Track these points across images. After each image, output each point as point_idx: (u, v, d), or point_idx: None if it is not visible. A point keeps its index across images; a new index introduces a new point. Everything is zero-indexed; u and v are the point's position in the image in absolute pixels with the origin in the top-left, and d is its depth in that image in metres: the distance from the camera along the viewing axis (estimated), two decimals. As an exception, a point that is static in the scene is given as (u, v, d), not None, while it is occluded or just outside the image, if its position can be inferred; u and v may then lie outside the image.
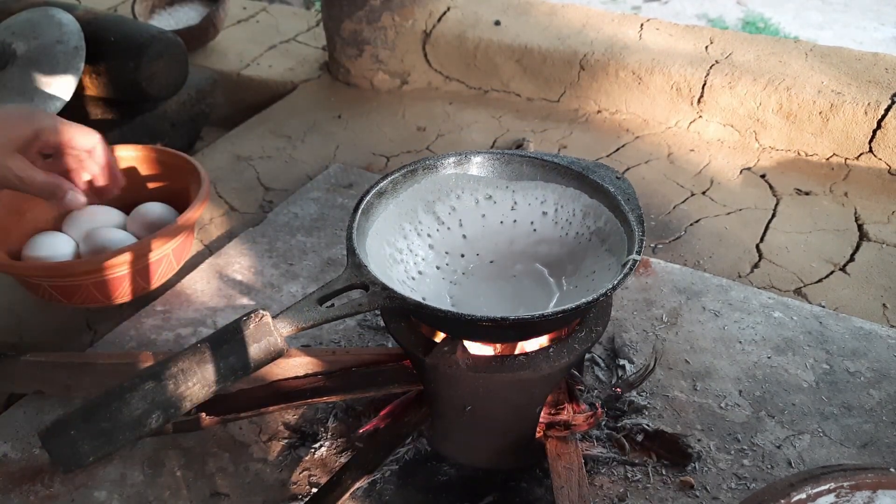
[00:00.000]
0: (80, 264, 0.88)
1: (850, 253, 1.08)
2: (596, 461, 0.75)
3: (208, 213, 1.20)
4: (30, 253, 0.92)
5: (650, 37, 1.48)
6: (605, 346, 0.89)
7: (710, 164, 1.30)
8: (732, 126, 1.35)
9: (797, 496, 0.48)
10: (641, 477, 0.73)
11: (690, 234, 1.13)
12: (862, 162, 1.26)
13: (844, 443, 0.76)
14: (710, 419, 0.79)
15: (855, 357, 0.86)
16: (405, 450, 0.76)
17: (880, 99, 1.22)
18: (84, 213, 0.98)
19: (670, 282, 0.99)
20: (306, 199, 1.20)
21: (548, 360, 0.63)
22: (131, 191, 1.05)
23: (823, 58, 1.36)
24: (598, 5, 3.27)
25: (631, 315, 0.94)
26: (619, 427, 0.78)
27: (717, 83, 1.33)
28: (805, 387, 0.83)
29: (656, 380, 0.84)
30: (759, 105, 1.30)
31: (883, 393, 0.82)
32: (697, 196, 1.22)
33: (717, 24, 3.36)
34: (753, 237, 1.12)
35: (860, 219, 1.15)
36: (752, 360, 0.86)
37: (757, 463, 0.75)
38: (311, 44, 1.80)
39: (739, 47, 1.41)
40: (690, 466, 0.74)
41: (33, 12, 1.27)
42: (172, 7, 1.85)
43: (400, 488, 0.73)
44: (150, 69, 1.30)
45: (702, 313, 0.94)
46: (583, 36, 1.48)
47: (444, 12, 1.58)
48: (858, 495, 0.49)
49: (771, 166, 1.29)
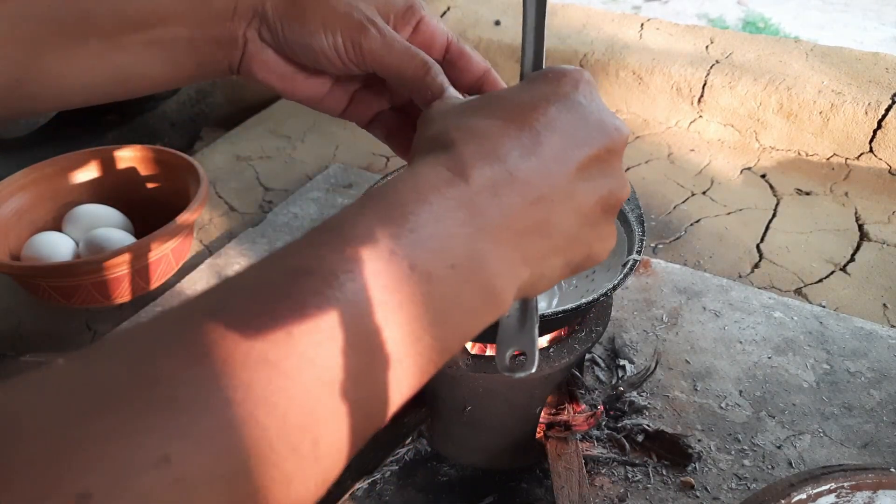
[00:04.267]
0: (79, 264, 0.88)
1: (851, 253, 1.08)
2: (596, 461, 0.75)
3: (208, 213, 1.20)
4: (29, 253, 0.92)
5: (650, 36, 1.48)
6: (605, 346, 0.89)
7: (710, 164, 1.30)
8: (733, 126, 1.35)
9: (797, 496, 0.48)
10: (642, 477, 0.73)
11: (691, 234, 1.13)
12: (862, 162, 1.26)
13: (845, 443, 0.76)
14: (711, 419, 0.79)
15: (855, 357, 0.86)
16: (405, 450, 0.76)
17: (881, 99, 1.22)
18: (84, 213, 0.98)
19: (670, 282, 0.99)
20: (306, 199, 1.20)
21: (548, 360, 0.63)
22: (130, 191, 1.06)
23: (824, 58, 1.36)
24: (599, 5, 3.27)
25: (631, 315, 0.94)
26: (620, 427, 0.78)
27: (717, 83, 1.33)
28: (805, 387, 0.83)
29: (657, 380, 0.84)
30: (759, 105, 1.30)
31: (883, 393, 0.81)
32: (698, 196, 1.22)
33: (717, 23, 3.36)
34: (754, 237, 1.12)
35: (861, 219, 1.15)
36: (753, 361, 0.86)
37: (757, 463, 0.74)
38: (311, 44, 1.80)
39: (740, 47, 1.41)
40: (691, 467, 0.74)
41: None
42: (172, 7, 1.85)
43: (400, 488, 0.73)
44: (149, 69, 1.30)
45: (702, 313, 0.94)
46: (583, 35, 1.48)
47: (444, 12, 1.58)
48: (859, 495, 0.49)
49: (771, 166, 1.29)
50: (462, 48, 0.47)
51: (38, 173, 1.00)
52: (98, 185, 1.05)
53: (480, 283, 0.29)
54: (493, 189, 0.29)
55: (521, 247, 0.30)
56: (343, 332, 0.24)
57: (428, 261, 0.27)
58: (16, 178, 0.98)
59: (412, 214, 0.27)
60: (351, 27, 0.41)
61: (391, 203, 0.28)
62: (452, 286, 0.28)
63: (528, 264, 0.31)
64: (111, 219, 0.99)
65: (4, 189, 0.97)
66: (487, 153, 0.30)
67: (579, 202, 0.32)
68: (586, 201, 0.32)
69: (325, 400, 0.23)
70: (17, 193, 0.98)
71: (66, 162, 1.02)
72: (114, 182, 1.05)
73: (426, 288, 0.27)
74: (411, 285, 0.26)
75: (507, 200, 0.30)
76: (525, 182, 0.30)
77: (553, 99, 0.32)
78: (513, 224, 0.30)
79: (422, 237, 0.27)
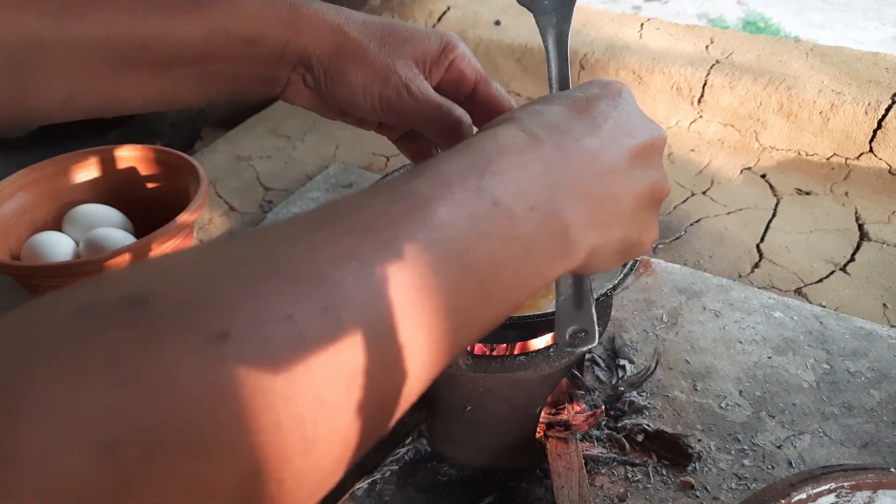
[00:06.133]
0: (79, 264, 0.88)
1: (851, 253, 1.08)
2: (596, 461, 0.75)
3: (208, 213, 1.20)
4: (29, 253, 0.92)
5: (650, 36, 1.48)
6: (605, 346, 0.89)
7: (710, 164, 1.30)
8: (733, 126, 1.35)
9: (797, 496, 0.48)
10: (642, 477, 0.73)
11: (691, 233, 1.13)
12: (862, 162, 1.26)
13: (845, 443, 0.76)
14: (711, 419, 0.79)
15: (855, 357, 0.86)
16: (405, 450, 0.76)
17: (881, 99, 1.21)
18: (84, 213, 0.98)
19: (670, 282, 0.99)
20: (306, 199, 1.20)
21: (548, 360, 0.63)
22: (130, 191, 1.05)
23: (824, 57, 1.36)
24: (599, 5, 3.27)
25: (631, 315, 0.94)
26: (620, 427, 0.78)
27: (717, 83, 1.33)
28: (805, 387, 0.83)
29: (656, 380, 0.84)
30: (759, 105, 1.30)
31: (883, 393, 0.81)
32: (698, 196, 1.22)
33: (717, 23, 3.36)
34: (754, 237, 1.12)
35: (861, 219, 1.15)
36: (753, 360, 0.86)
37: (757, 463, 0.74)
38: (311, 44, 1.80)
39: (740, 47, 1.41)
40: (691, 466, 0.74)
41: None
42: (172, 7, 1.85)
43: (400, 488, 0.73)
44: (149, 69, 1.30)
45: (702, 313, 0.94)
46: (583, 35, 1.48)
47: (444, 12, 1.58)
48: (859, 495, 0.49)
49: (771, 166, 1.29)
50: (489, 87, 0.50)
51: (38, 173, 1.00)
52: (98, 185, 1.05)
53: (556, 229, 0.31)
54: (564, 152, 0.32)
55: (591, 209, 0.33)
56: (428, 252, 0.26)
57: (510, 200, 0.30)
58: (16, 178, 0.98)
59: (494, 162, 0.30)
60: (387, 91, 0.45)
61: (475, 152, 0.31)
62: (531, 227, 0.30)
63: (596, 228, 0.33)
64: (111, 219, 0.99)
65: (4, 189, 0.97)
66: (553, 125, 0.33)
67: (634, 184, 0.35)
68: (640, 184, 0.35)
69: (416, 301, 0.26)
70: (17, 193, 0.98)
71: (66, 162, 1.02)
72: (114, 182, 1.05)
73: (507, 223, 0.29)
74: (493, 219, 0.29)
75: (577, 165, 0.33)
76: (591, 153, 0.33)
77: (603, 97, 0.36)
78: (582, 186, 0.33)
79: (504, 180, 0.30)
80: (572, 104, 0.35)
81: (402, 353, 0.25)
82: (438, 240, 0.27)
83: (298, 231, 0.26)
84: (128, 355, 0.19)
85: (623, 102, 0.36)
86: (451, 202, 0.28)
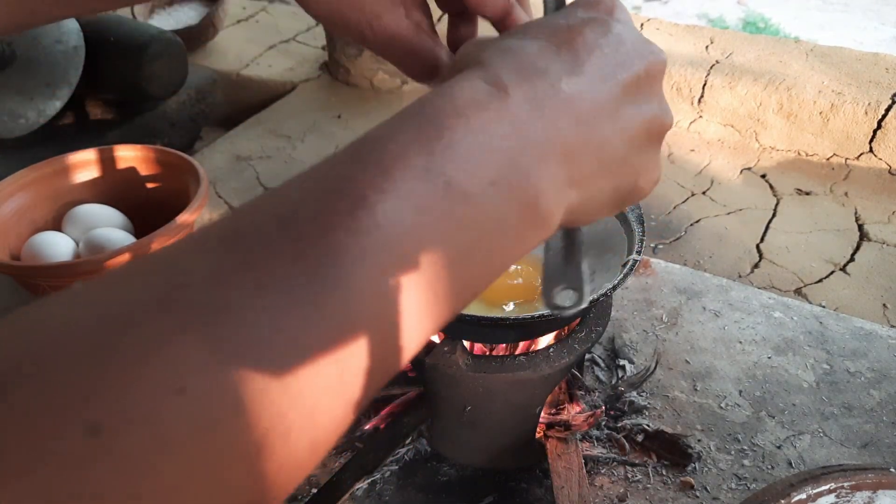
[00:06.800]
0: (79, 264, 0.88)
1: (851, 253, 1.08)
2: (596, 461, 0.75)
3: (208, 213, 1.20)
4: (29, 253, 0.92)
5: (650, 36, 1.48)
6: (605, 346, 0.89)
7: (710, 164, 1.30)
8: (733, 126, 1.35)
9: (797, 496, 0.48)
10: (641, 477, 0.73)
11: (690, 234, 1.13)
12: (862, 162, 1.26)
13: (845, 443, 0.76)
14: (711, 419, 0.79)
15: (855, 357, 0.86)
16: (405, 450, 0.76)
17: (880, 99, 1.22)
18: (84, 213, 0.98)
19: (670, 282, 0.99)
20: (306, 199, 1.20)
21: (548, 360, 0.63)
22: (130, 191, 1.05)
23: (824, 58, 1.36)
24: (599, 5, 3.26)
25: (631, 315, 0.94)
26: (620, 427, 0.78)
27: (717, 83, 1.33)
28: (805, 387, 0.83)
29: (656, 380, 0.84)
30: (759, 105, 1.30)
31: (883, 393, 0.81)
32: (698, 196, 1.22)
33: (717, 24, 3.36)
34: (754, 237, 1.12)
35: (860, 219, 1.15)
36: (753, 361, 0.86)
37: (757, 463, 0.74)
38: (311, 44, 1.80)
39: (740, 47, 1.41)
40: (691, 467, 0.74)
41: (33, 12, 1.26)
42: (172, 7, 1.85)
43: (400, 488, 0.73)
44: (149, 69, 1.30)
45: (702, 313, 0.94)
46: (583, 36, 1.48)
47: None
48: (858, 495, 0.49)
49: (771, 166, 1.29)
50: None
51: (38, 173, 1.00)
52: (98, 185, 1.05)
53: (524, 203, 0.27)
54: (536, 102, 0.28)
55: (568, 165, 0.28)
56: (372, 256, 0.23)
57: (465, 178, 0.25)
58: (16, 178, 0.98)
59: (448, 129, 0.26)
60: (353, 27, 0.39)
61: (426, 117, 0.26)
62: (493, 205, 0.26)
63: (576, 185, 0.29)
64: (111, 219, 0.99)
65: (4, 189, 0.97)
66: (526, 68, 0.28)
67: (625, 124, 0.30)
68: (632, 123, 0.31)
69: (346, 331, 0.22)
70: (17, 193, 0.98)
71: (66, 162, 1.02)
72: (114, 182, 1.05)
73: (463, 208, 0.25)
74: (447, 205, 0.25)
75: (551, 115, 0.28)
76: (569, 97, 0.28)
77: (590, 22, 0.31)
78: (558, 140, 0.28)
79: (458, 153, 0.25)
80: (551, 34, 0.30)
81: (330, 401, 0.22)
82: (380, 245, 0.23)
83: (208, 260, 0.21)
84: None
85: (613, 27, 0.31)
86: (394, 194, 0.24)
